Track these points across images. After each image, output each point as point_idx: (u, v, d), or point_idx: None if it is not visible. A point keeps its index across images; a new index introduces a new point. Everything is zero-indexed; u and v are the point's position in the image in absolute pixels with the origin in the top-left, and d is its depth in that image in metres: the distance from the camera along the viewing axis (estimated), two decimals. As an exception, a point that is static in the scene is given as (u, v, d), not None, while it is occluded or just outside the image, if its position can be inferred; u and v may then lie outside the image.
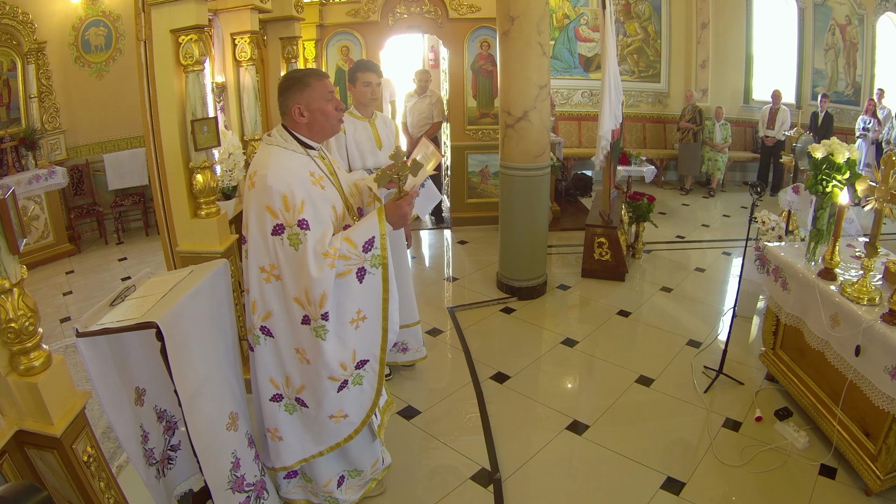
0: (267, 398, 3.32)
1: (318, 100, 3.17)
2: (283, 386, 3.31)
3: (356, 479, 3.77)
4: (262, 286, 3.13)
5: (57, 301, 7.13)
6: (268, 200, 2.98)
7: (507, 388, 5.27)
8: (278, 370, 3.28)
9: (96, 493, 2.67)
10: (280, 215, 2.97)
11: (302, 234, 2.98)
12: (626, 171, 9.86)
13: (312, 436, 3.41)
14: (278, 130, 3.23)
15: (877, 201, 3.98)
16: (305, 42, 8.44)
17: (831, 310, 4.12)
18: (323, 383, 3.18)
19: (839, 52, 12.30)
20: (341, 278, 3.06)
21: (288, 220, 2.97)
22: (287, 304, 3.12)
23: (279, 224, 2.99)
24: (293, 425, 3.38)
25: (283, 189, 2.97)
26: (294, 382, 3.28)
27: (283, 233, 2.99)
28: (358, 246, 3.07)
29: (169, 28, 4.14)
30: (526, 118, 6.43)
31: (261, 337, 3.22)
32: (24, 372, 2.43)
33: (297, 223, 2.98)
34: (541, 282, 7.11)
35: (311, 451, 3.45)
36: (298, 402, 3.32)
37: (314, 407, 3.29)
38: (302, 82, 3.15)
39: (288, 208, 2.97)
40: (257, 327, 3.20)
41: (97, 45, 9.23)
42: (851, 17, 12.00)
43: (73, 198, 9.19)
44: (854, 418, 4.16)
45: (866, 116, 11.11)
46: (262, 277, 3.11)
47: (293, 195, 2.98)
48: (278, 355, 3.25)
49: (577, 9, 12.61)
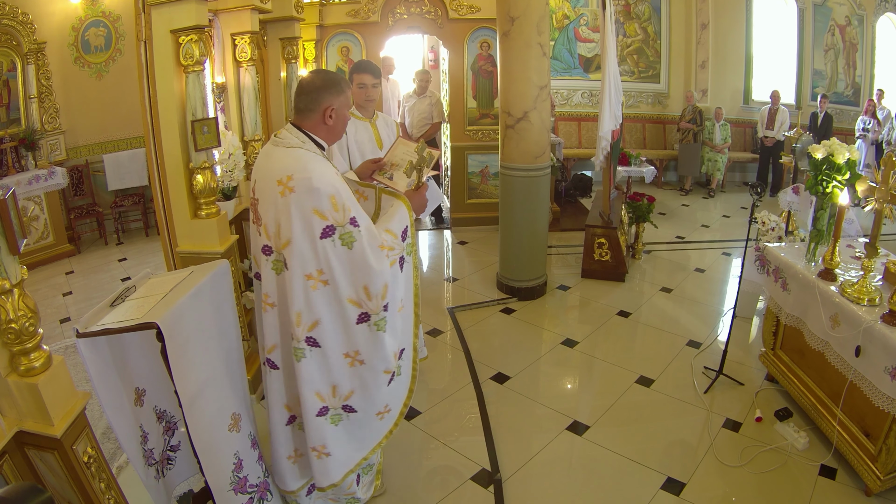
0: (313, 414, 3.19)
1: (344, 107, 3.19)
2: (329, 397, 3.20)
3: (368, 475, 3.80)
4: (308, 294, 3.00)
5: (56, 302, 7.13)
6: (315, 203, 2.88)
7: (507, 389, 5.27)
8: (325, 381, 3.17)
9: (97, 494, 2.67)
10: (330, 216, 2.89)
11: (355, 231, 2.93)
12: (626, 171, 9.86)
13: (357, 442, 3.37)
14: (290, 132, 3.12)
15: (877, 202, 3.99)
16: (305, 42, 8.44)
17: (831, 310, 4.12)
18: (378, 378, 3.20)
19: (839, 52, 12.30)
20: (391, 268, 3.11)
21: (339, 220, 2.91)
22: (339, 307, 3.03)
23: (329, 226, 2.90)
24: (339, 437, 3.30)
25: (329, 190, 2.89)
26: (342, 390, 3.20)
27: (334, 234, 2.91)
28: (398, 236, 3.16)
29: (169, 28, 4.13)
30: (526, 119, 6.43)
31: (306, 349, 3.09)
32: (25, 372, 2.42)
33: (350, 221, 2.92)
34: (541, 282, 7.11)
35: (356, 458, 3.39)
36: (346, 409, 3.25)
37: (364, 409, 3.27)
38: (339, 87, 3.13)
39: (337, 208, 2.90)
40: (302, 339, 3.06)
41: (97, 46, 9.23)
42: (851, 17, 12.00)
43: (73, 198, 9.19)
44: (854, 419, 4.16)
45: (866, 117, 11.11)
46: (310, 285, 2.99)
47: (340, 195, 2.92)
48: (326, 365, 3.13)
49: (576, 9, 12.61)
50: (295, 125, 3.14)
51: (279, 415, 3.35)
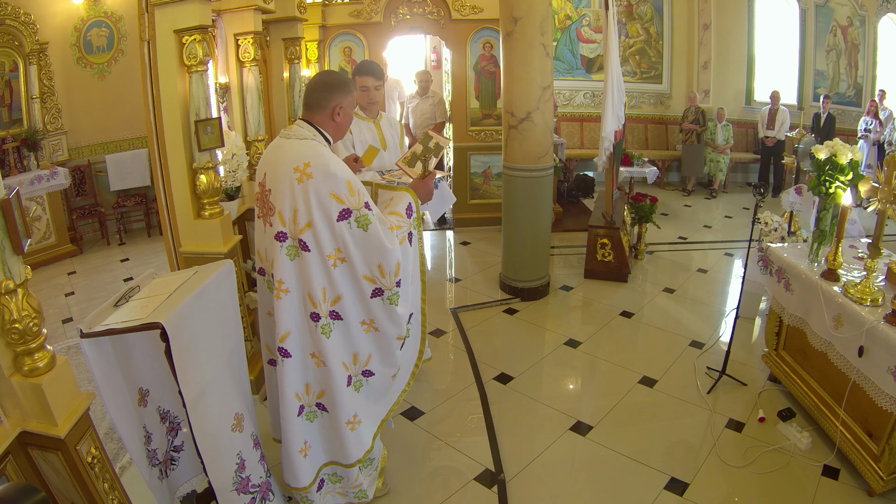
0: (344, 385, 3.39)
1: (351, 106, 3.42)
2: (351, 365, 3.43)
3: (369, 467, 3.82)
4: (329, 272, 3.21)
5: (59, 302, 7.13)
6: (333, 187, 3.08)
7: (510, 389, 5.27)
8: (347, 351, 3.39)
9: (100, 495, 2.66)
10: (346, 200, 3.10)
11: (370, 214, 3.15)
12: (629, 172, 9.85)
13: (375, 403, 3.61)
14: (303, 126, 3.32)
15: (880, 202, 3.98)
16: (308, 43, 8.46)
17: (834, 311, 4.11)
18: (392, 344, 3.46)
19: (841, 53, 12.28)
20: (401, 245, 3.36)
21: (354, 204, 3.12)
22: (356, 283, 3.26)
23: (346, 209, 3.11)
24: (363, 402, 3.53)
25: (346, 175, 3.12)
26: (362, 357, 3.44)
27: (350, 216, 3.12)
28: (403, 214, 3.46)
29: (172, 28, 4.13)
30: (529, 119, 6.43)
31: (330, 323, 3.30)
32: (28, 373, 2.42)
33: (364, 205, 3.14)
34: (544, 283, 7.11)
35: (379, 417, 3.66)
36: (365, 374, 3.49)
37: (380, 371, 3.52)
38: (346, 87, 3.37)
39: (353, 193, 3.11)
40: (326, 314, 3.28)
41: (99, 46, 9.24)
42: (853, 18, 11.98)
43: (75, 198, 9.20)
44: (857, 419, 4.15)
45: (868, 118, 11.09)
46: (330, 263, 3.20)
47: (355, 181, 3.15)
48: (348, 335, 3.36)
49: (579, 10, 12.61)
50: (305, 120, 3.35)
51: (291, 406, 3.41)
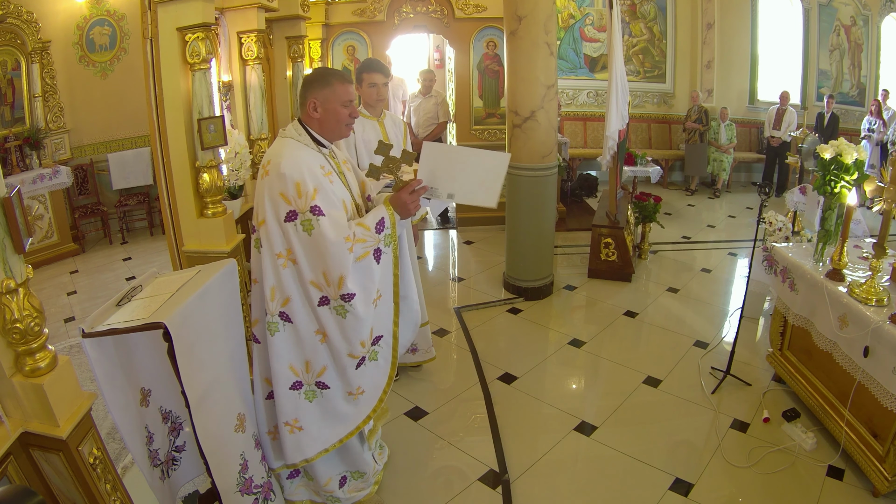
0: (286, 387, 3.32)
1: (334, 101, 3.23)
2: (302, 372, 3.33)
3: (359, 480, 3.77)
4: (279, 272, 3.15)
5: (61, 301, 7.12)
6: (282, 187, 3.03)
7: (514, 389, 5.25)
8: (299, 356, 3.30)
9: (102, 496, 2.65)
10: (293, 202, 3.03)
11: (315, 219, 3.03)
12: (632, 171, 9.83)
13: (332, 421, 3.44)
14: (293, 124, 3.31)
15: (885, 202, 3.97)
16: (311, 41, 8.45)
17: (839, 311, 4.10)
18: (342, 360, 3.27)
19: (844, 52, 12.25)
20: (361, 261, 3.15)
21: (301, 207, 3.03)
22: (304, 287, 3.16)
23: (292, 210, 3.04)
24: (313, 413, 3.40)
25: (296, 177, 3.03)
26: (315, 366, 3.31)
27: (297, 219, 3.04)
28: (371, 228, 3.17)
29: (175, 26, 4.13)
30: (533, 118, 6.41)
31: (280, 323, 3.23)
32: (30, 373, 2.41)
33: (310, 209, 3.03)
34: (547, 282, 7.09)
35: (332, 439, 3.46)
36: (319, 385, 3.35)
37: (336, 386, 3.36)
38: (324, 80, 3.23)
39: (301, 195, 3.03)
40: (276, 314, 3.21)
41: (102, 45, 9.24)
42: (856, 17, 11.95)
43: (78, 197, 9.21)
44: (862, 419, 4.13)
45: (872, 118, 11.06)
46: (280, 263, 3.14)
47: (305, 182, 3.04)
48: (299, 340, 3.26)
49: (582, 9, 12.59)
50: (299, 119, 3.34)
51: (260, 389, 3.48)
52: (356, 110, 3.38)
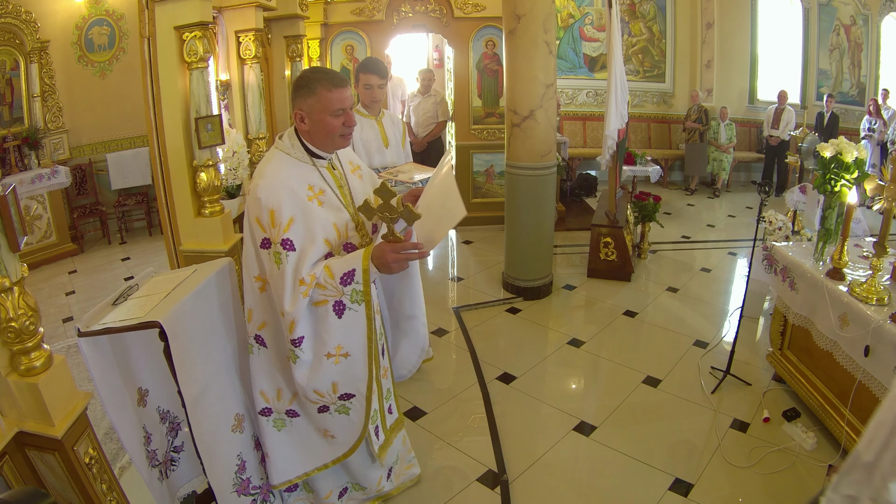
0: (256, 411, 3.21)
1: (321, 111, 2.89)
2: (273, 399, 3.17)
3: (359, 493, 3.68)
4: (256, 295, 3.02)
5: (59, 301, 7.11)
6: (257, 213, 2.81)
7: (513, 389, 5.24)
8: (270, 382, 3.15)
9: (98, 496, 2.64)
10: (267, 230, 2.80)
11: (284, 254, 2.79)
12: (632, 171, 9.82)
13: (302, 453, 3.28)
14: (288, 133, 3.02)
15: (886, 200, 3.95)
16: (310, 41, 8.44)
17: (840, 310, 4.08)
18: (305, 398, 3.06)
19: (844, 52, 12.25)
20: (318, 307, 2.88)
21: (273, 237, 2.80)
22: (277, 315, 2.98)
23: (266, 238, 2.82)
24: (279, 442, 3.24)
25: (271, 203, 2.79)
26: (286, 394, 3.16)
27: (270, 248, 2.82)
28: (336, 277, 2.82)
29: (173, 25, 4.12)
30: (532, 117, 6.40)
31: (255, 346, 3.11)
32: (25, 372, 2.40)
33: (281, 242, 2.79)
34: (546, 282, 7.07)
35: (298, 471, 3.30)
36: (289, 413, 3.19)
37: (304, 415, 3.19)
38: (308, 88, 2.86)
39: (274, 224, 2.79)
40: (252, 336, 3.10)
41: (100, 45, 9.23)
42: (856, 17, 11.95)
43: (76, 197, 9.20)
44: (863, 419, 4.11)
45: (871, 117, 11.05)
46: (258, 286, 3.00)
47: (280, 211, 2.79)
48: (271, 366, 3.13)
49: (581, 8, 12.58)
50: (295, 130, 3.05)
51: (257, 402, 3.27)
52: (351, 118, 2.97)
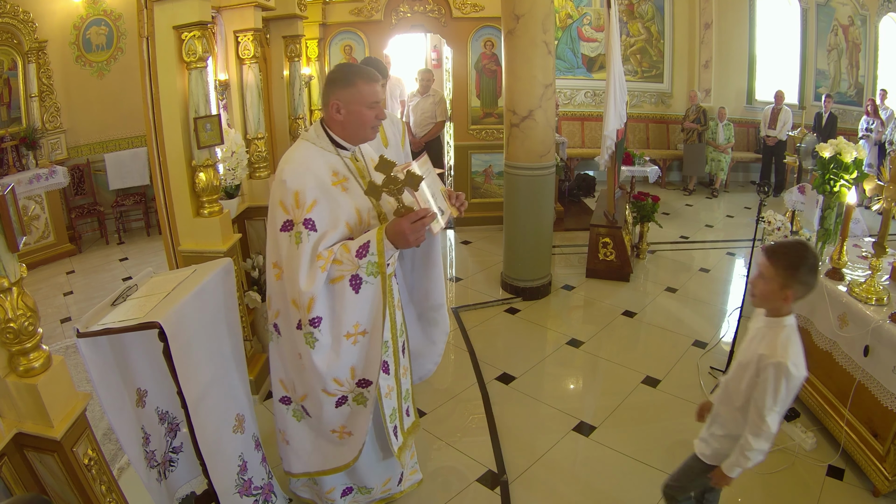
0: (277, 398, 3.25)
1: (358, 103, 2.98)
2: (291, 390, 3.20)
3: (364, 495, 3.68)
4: (273, 283, 3.03)
5: (57, 301, 7.10)
6: (281, 195, 2.89)
7: (512, 389, 5.23)
8: (285, 373, 3.19)
9: (97, 497, 2.63)
10: (290, 211, 2.86)
11: (305, 233, 2.84)
12: (630, 171, 9.82)
13: (320, 453, 3.27)
14: (315, 125, 3.13)
15: (885, 201, 3.96)
16: (308, 41, 8.42)
17: (839, 310, 4.09)
18: (318, 395, 3.04)
19: (842, 52, 12.26)
20: (335, 284, 2.89)
21: (296, 218, 2.85)
22: (288, 304, 2.96)
23: (289, 220, 2.87)
24: (301, 433, 3.26)
25: (295, 186, 2.86)
26: (298, 389, 3.15)
27: (291, 230, 2.86)
28: (352, 251, 2.86)
29: (172, 24, 4.10)
30: (531, 117, 6.40)
31: (273, 334, 3.15)
32: (24, 373, 2.38)
33: (303, 222, 2.85)
34: (545, 282, 7.07)
35: (315, 468, 3.31)
36: (304, 410, 3.20)
37: (316, 417, 3.16)
38: (347, 80, 2.97)
39: (298, 205, 2.85)
40: (271, 323, 3.13)
41: (98, 45, 9.22)
42: (854, 17, 11.95)
43: (74, 197, 9.18)
44: (862, 419, 4.12)
45: (869, 118, 11.06)
46: (275, 274, 3.00)
47: (305, 193, 2.86)
48: (284, 357, 3.16)
49: (580, 9, 12.57)
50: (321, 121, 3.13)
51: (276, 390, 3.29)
52: (383, 112, 3.10)
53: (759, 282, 2.81)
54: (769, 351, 2.72)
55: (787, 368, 2.66)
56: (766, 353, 2.72)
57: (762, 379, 2.72)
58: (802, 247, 2.74)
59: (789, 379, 2.67)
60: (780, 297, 2.74)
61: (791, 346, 2.74)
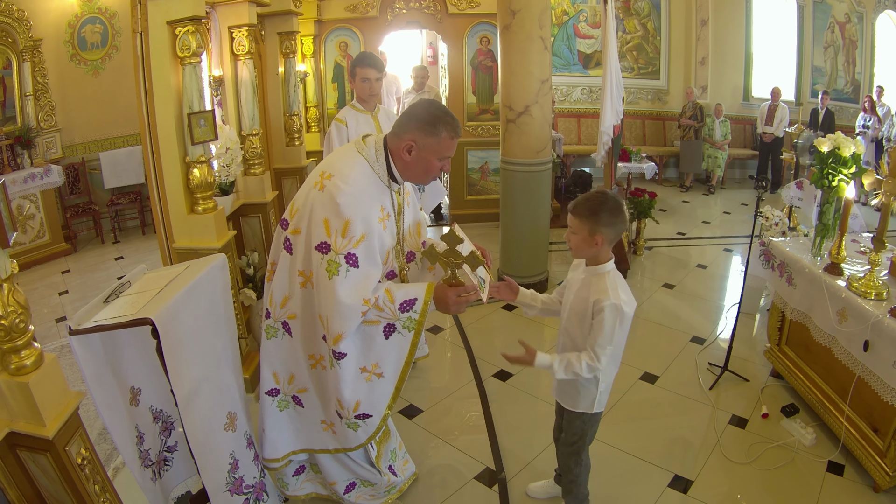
0: (264, 391, 3.28)
1: (433, 153, 2.92)
2: (284, 383, 3.26)
3: (369, 488, 3.70)
4: (296, 288, 2.98)
5: (53, 301, 7.06)
6: (328, 215, 2.79)
7: (509, 386, 5.21)
8: (284, 367, 3.22)
9: (91, 497, 2.60)
10: (333, 236, 2.78)
11: (345, 268, 2.79)
12: (627, 167, 9.81)
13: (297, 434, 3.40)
14: (377, 144, 3.02)
15: (884, 195, 3.95)
16: (304, 37, 8.40)
17: (839, 305, 4.07)
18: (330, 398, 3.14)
19: (838, 49, 12.26)
20: (367, 326, 2.92)
21: (337, 246, 2.78)
22: (314, 316, 2.97)
23: (327, 243, 2.79)
24: (278, 421, 3.34)
25: (348, 214, 2.78)
26: (298, 382, 3.23)
27: (327, 254, 2.79)
28: (396, 302, 2.89)
29: (165, 20, 4.07)
30: (527, 113, 6.37)
31: (280, 331, 3.14)
32: (15, 371, 2.35)
33: (346, 255, 2.79)
34: (542, 278, 7.05)
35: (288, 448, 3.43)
36: (294, 400, 3.29)
37: (310, 408, 3.28)
38: (434, 128, 2.88)
39: (345, 235, 2.78)
40: (279, 321, 3.11)
41: (93, 43, 9.17)
42: (851, 14, 11.95)
43: (69, 196, 9.14)
44: (862, 414, 4.11)
45: (866, 114, 11.06)
46: (299, 281, 2.96)
47: (354, 226, 2.80)
48: (292, 353, 3.17)
49: (576, 5, 12.55)
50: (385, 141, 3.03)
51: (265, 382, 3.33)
52: (448, 166, 3.07)
53: (571, 236, 3.08)
54: (602, 295, 2.96)
55: (620, 308, 2.94)
56: (600, 298, 2.96)
57: (597, 320, 2.96)
58: (601, 194, 3.04)
59: (623, 317, 2.95)
60: (591, 244, 3.03)
61: (619, 287, 3.02)
